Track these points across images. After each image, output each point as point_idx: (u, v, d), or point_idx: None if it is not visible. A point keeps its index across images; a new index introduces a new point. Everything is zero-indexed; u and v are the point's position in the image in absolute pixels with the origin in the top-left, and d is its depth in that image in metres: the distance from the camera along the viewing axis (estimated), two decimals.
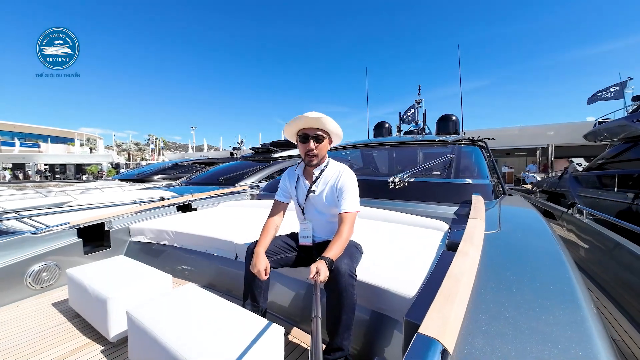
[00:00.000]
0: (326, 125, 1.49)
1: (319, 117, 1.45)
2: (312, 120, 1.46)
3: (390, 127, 5.71)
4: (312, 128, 1.50)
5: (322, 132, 1.51)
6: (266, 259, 1.41)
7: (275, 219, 1.63)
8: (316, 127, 1.50)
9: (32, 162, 28.95)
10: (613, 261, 2.22)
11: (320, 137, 1.50)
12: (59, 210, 2.85)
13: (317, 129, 1.50)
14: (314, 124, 1.49)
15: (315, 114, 1.46)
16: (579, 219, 2.98)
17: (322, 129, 1.51)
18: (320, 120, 1.46)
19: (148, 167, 10.00)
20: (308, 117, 1.45)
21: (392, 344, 1.28)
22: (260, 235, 1.53)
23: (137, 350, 1.28)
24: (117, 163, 31.70)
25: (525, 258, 1.27)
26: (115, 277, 1.70)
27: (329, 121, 1.47)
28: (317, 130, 1.50)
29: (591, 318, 0.78)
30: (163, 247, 2.45)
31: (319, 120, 1.46)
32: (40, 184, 8.05)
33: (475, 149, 3.36)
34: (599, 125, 7.02)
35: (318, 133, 1.50)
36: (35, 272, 2.01)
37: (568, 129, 16.87)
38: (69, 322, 1.69)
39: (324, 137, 1.52)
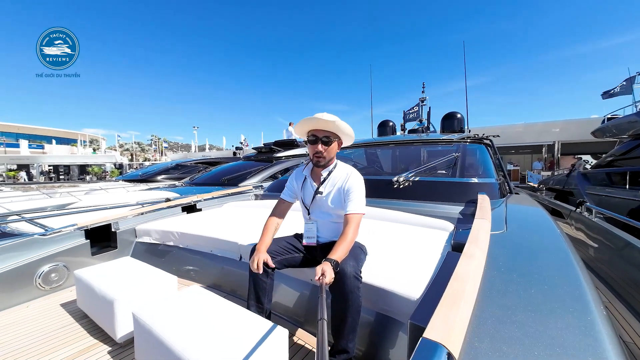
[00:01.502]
0: (338, 129, 1.49)
1: (331, 120, 1.44)
2: (324, 122, 1.46)
3: (394, 126, 5.67)
4: (322, 130, 1.50)
5: (331, 135, 1.51)
6: (266, 253, 1.42)
7: (277, 218, 1.63)
8: (326, 129, 1.50)
9: (36, 163, 29.21)
10: (623, 261, 2.18)
11: (329, 140, 1.50)
12: (66, 212, 2.88)
13: (327, 131, 1.50)
14: (325, 127, 1.49)
15: (327, 117, 1.45)
16: (588, 217, 2.94)
17: (332, 131, 1.51)
18: (332, 124, 1.46)
19: (151, 167, 10.05)
20: (320, 118, 1.44)
21: (397, 347, 1.27)
22: (261, 234, 1.54)
23: (143, 351, 1.29)
24: (120, 164, 31.89)
25: (533, 259, 1.25)
26: (122, 278, 1.71)
27: (341, 124, 1.47)
28: (327, 132, 1.50)
29: (601, 321, 0.77)
30: (168, 248, 2.46)
31: (331, 123, 1.45)
32: (45, 185, 8.11)
33: (481, 147, 3.33)
34: (608, 122, 6.91)
35: (327, 136, 1.50)
36: (45, 273, 2.04)
37: (574, 125, 16.67)
38: (77, 323, 1.71)
39: (333, 140, 1.52)
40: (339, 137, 1.56)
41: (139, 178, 8.04)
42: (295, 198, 1.70)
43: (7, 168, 28.65)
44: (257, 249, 1.44)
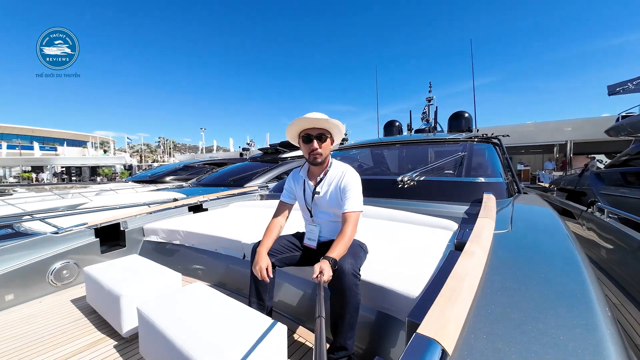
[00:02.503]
0: (329, 125, 1.50)
1: (320, 117, 1.47)
2: (314, 120, 1.48)
3: (400, 126, 5.63)
4: (315, 128, 1.51)
5: (324, 131, 1.52)
6: (268, 259, 1.42)
7: (279, 220, 1.64)
8: (319, 126, 1.51)
9: (49, 165, 30.10)
10: (637, 262, 2.11)
11: (323, 136, 1.52)
12: (77, 212, 2.96)
13: (319, 128, 1.52)
14: (316, 124, 1.50)
15: (316, 115, 1.48)
16: (600, 217, 2.86)
17: (324, 128, 1.52)
18: (324, 121, 1.48)
19: (160, 168, 10.23)
20: (309, 117, 1.47)
21: (396, 344, 1.27)
22: (263, 236, 1.54)
23: (147, 345, 1.32)
24: (130, 165, 32.58)
25: (536, 258, 1.23)
26: (128, 275, 1.75)
27: (332, 119, 1.49)
28: (320, 130, 1.52)
29: (604, 321, 0.75)
30: (175, 247, 2.51)
31: (320, 120, 1.47)
32: (57, 185, 8.32)
33: (489, 146, 3.28)
34: (622, 120, 6.69)
35: (321, 132, 1.51)
36: (57, 270, 2.10)
37: (587, 124, 16.25)
38: (86, 318, 1.76)
39: (327, 136, 1.54)
40: (331, 135, 1.57)
41: (148, 179, 8.19)
42: (294, 199, 1.71)
43: (22, 170, 29.58)
44: (258, 252, 1.44)
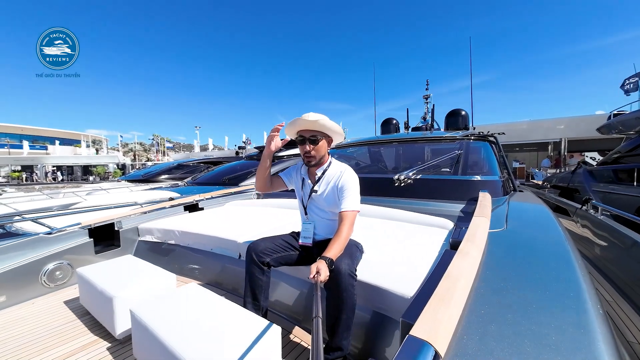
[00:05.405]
0: (323, 127, 1.48)
1: (315, 119, 1.44)
2: (309, 122, 1.46)
3: (397, 124, 5.63)
4: (309, 130, 1.50)
5: (318, 133, 1.51)
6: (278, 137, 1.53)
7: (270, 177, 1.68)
8: (312, 129, 1.50)
9: (40, 164, 29.47)
10: (630, 259, 2.14)
11: (316, 139, 1.50)
12: (70, 212, 2.89)
13: (313, 131, 1.50)
14: (310, 126, 1.49)
15: (311, 116, 1.46)
16: (594, 215, 2.90)
17: (318, 130, 1.51)
18: (316, 123, 1.46)
19: (154, 167, 10.09)
20: (305, 119, 1.45)
21: (391, 344, 1.27)
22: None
23: (140, 347, 1.30)
24: (123, 164, 32.10)
25: (530, 257, 1.23)
26: (122, 276, 1.73)
27: (326, 122, 1.46)
28: (313, 132, 1.50)
29: (597, 320, 0.75)
30: (170, 247, 2.47)
31: (315, 122, 1.46)
32: (49, 185, 8.15)
33: (485, 144, 3.29)
34: (614, 118, 6.78)
35: (314, 135, 1.50)
36: (50, 271, 2.06)
37: (580, 122, 16.52)
38: (79, 320, 1.73)
39: (321, 138, 1.52)
40: (327, 136, 1.56)
41: (142, 178, 8.07)
42: (290, 184, 1.71)
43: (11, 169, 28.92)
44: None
